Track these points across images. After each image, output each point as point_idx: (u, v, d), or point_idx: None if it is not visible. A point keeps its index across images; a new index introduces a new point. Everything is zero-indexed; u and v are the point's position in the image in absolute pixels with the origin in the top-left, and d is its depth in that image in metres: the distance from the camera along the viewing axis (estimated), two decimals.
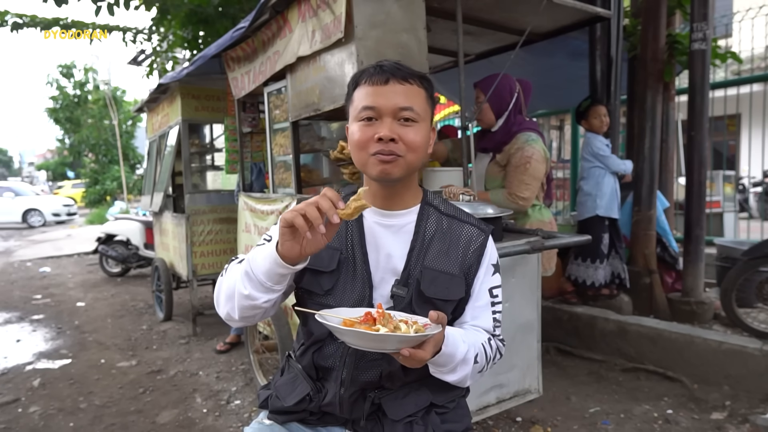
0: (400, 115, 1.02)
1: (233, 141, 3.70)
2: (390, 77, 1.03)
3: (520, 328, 2.26)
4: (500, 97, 2.58)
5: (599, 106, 3.43)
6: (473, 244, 1.13)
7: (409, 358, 0.89)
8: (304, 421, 1.18)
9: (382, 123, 1.03)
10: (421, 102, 1.05)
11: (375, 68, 1.06)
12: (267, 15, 2.45)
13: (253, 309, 1.02)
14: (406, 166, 1.04)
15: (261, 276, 0.98)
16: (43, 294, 6.11)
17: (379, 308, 0.96)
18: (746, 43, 4.34)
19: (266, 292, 0.99)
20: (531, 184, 2.51)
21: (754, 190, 7.20)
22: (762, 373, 2.72)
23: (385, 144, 1.01)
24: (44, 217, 15.44)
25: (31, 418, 2.88)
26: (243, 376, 3.34)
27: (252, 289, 0.99)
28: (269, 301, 1.01)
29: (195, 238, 4.08)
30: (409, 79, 1.04)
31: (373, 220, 1.13)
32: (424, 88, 1.07)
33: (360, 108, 1.05)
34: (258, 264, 0.98)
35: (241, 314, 1.03)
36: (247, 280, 0.99)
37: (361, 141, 1.04)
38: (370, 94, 1.04)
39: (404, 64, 1.09)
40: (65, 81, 18.73)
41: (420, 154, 1.06)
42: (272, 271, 0.97)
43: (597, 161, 3.44)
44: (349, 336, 0.91)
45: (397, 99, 1.02)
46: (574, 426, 2.56)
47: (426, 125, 1.07)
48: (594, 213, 3.42)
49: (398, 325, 0.93)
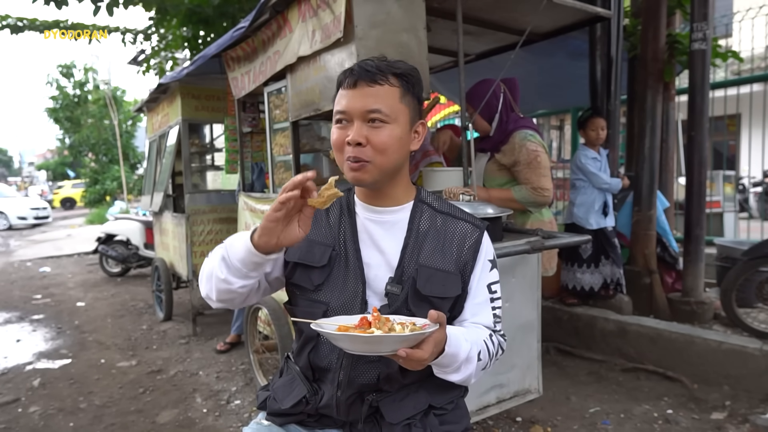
0: (368, 117, 1.03)
1: (233, 141, 3.70)
2: (358, 80, 1.04)
3: (520, 328, 2.26)
4: (487, 104, 2.61)
5: (598, 118, 3.44)
6: (468, 240, 1.13)
7: (408, 358, 0.87)
8: (302, 423, 1.18)
9: (352, 126, 1.04)
10: (392, 101, 1.04)
11: (347, 71, 1.07)
12: (267, 15, 2.45)
13: (229, 293, 1.05)
14: (376, 170, 1.05)
15: (236, 262, 1.01)
16: (43, 294, 6.11)
17: (374, 311, 0.95)
18: (746, 43, 4.33)
19: (242, 278, 1.02)
20: (547, 176, 2.56)
21: (754, 190, 7.19)
22: (762, 373, 2.72)
23: (353, 148, 1.03)
24: (8, 221, 14.49)
25: (31, 418, 2.88)
26: (243, 376, 3.34)
27: (228, 273, 1.02)
28: (245, 286, 1.04)
29: (195, 237, 4.08)
30: (379, 80, 1.04)
31: (365, 217, 1.13)
32: (399, 85, 1.06)
33: (335, 112, 1.08)
34: (234, 250, 1.01)
35: (218, 296, 1.07)
36: (224, 264, 1.02)
37: (336, 144, 1.08)
38: (342, 98, 1.06)
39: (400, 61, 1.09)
40: (65, 81, 18.71)
41: (392, 155, 1.05)
42: (247, 259, 1.00)
43: (581, 174, 3.48)
44: (343, 341, 0.89)
45: (364, 101, 1.03)
46: (574, 426, 2.56)
47: (400, 125, 1.06)
48: (571, 221, 3.58)
49: (393, 327, 0.91)
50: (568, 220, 3.62)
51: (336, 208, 1.16)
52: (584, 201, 3.48)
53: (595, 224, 3.44)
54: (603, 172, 3.43)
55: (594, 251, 3.46)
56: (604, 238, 3.46)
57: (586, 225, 3.44)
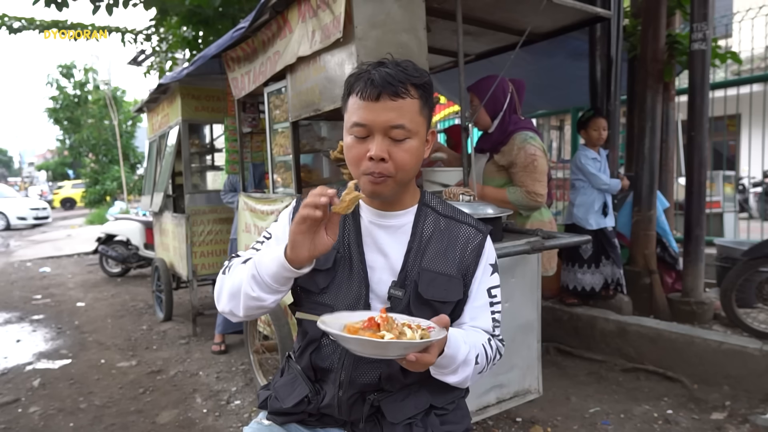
0: (392, 134, 1.01)
1: (233, 141, 3.70)
2: (381, 92, 0.99)
3: (520, 328, 2.26)
4: (494, 98, 2.60)
5: (600, 118, 3.45)
6: (471, 244, 1.13)
7: (415, 363, 0.88)
8: (303, 422, 1.18)
9: (373, 140, 1.02)
10: (413, 115, 1.02)
11: (366, 80, 1.01)
12: (267, 15, 2.45)
13: (259, 309, 1.06)
14: (396, 184, 1.05)
15: (268, 279, 1.00)
16: (43, 294, 6.11)
17: (383, 313, 0.95)
18: (746, 43, 4.33)
19: (273, 294, 1.03)
20: (542, 181, 2.56)
21: (754, 190, 7.19)
22: (762, 373, 2.72)
23: (375, 164, 1.01)
24: (8, 221, 14.58)
25: (31, 418, 2.88)
26: (243, 376, 3.34)
27: (260, 291, 1.02)
28: (276, 301, 1.06)
29: (195, 238, 4.08)
30: (402, 93, 1.00)
31: (369, 220, 1.13)
32: (418, 96, 1.03)
33: (351, 122, 1.04)
34: (265, 267, 1.01)
35: (246, 313, 1.07)
36: (254, 282, 1.02)
37: (355, 158, 1.05)
38: (361, 109, 1.01)
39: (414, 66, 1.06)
40: (65, 81, 18.70)
41: (411, 170, 1.06)
42: (279, 274, 1.00)
43: (581, 174, 3.48)
44: (353, 344, 0.89)
45: (388, 116, 1.00)
46: (574, 426, 2.56)
47: (419, 138, 1.04)
48: (571, 221, 3.58)
49: (403, 331, 0.91)
50: (568, 221, 3.63)
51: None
52: (584, 201, 3.48)
53: (595, 224, 3.45)
54: (603, 172, 3.44)
55: (594, 251, 3.46)
56: (605, 239, 3.46)
57: (586, 225, 3.45)
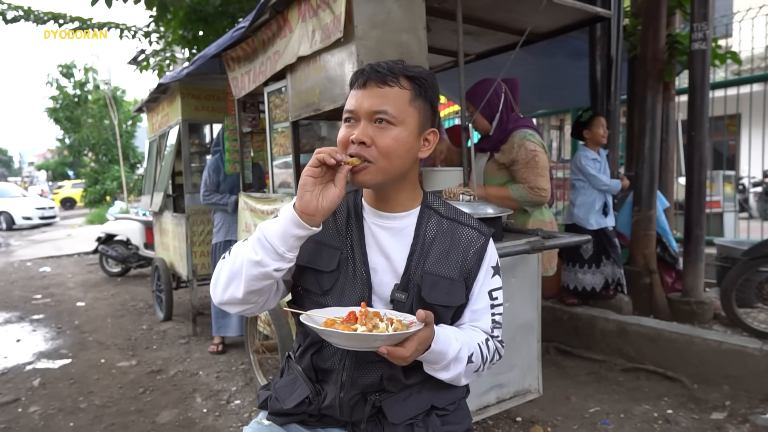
0: (375, 118, 1.02)
1: (233, 141, 3.69)
2: (368, 80, 1.03)
3: (520, 328, 2.26)
4: (488, 103, 2.61)
5: (602, 117, 3.46)
6: (473, 247, 1.12)
7: (389, 356, 0.92)
8: (304, 422, 1.18)
9: (358, 125, 1.04)
10: (400, 104, 1.03)
11: (359, 71, 1.07)
12: (267, 15, 2.45)
13: (262, 278, 1.00)
14: (379, 172, 1.03)
15: (275, 240, 0.97)
16: (43, 294, 6.11)
17: (363, 307, 0.98)
18: (746, 43, 4.33)
19: (278, 260, 0.98)
20: (545, 176, 2.56)
21: (754, 190, 7.20)
22: (762, 373, 2.72)
23: (356, 147, 1.02)
24: (13, 220, 14.57)
25: (31, 418, 2.88)
26: (243, 376, 3.34)
27: (264, 254, 0.97)
28: (280, 270, 0.99)
29: (195, 238, 4.08)
30: (389, 81, 1.02)
31: (372, 222, 1.13)
32: (410, 88, 1.04)
33: (344, 111, 1.07)
34: (272, 229, 0.98)
35: (248, 288, 1.00)
36: (259, 246, 0.98)
37: (341, 142, 1.06)
38: (352, 97, 1.06)
39: (417, 66, 1.08)
40: (65, 81, 18.65)
41: (396, 159, 1.03)
42: (287, 232, 0.96)
43: (581, 175, 3.48)
44: (327, 335, 0.94)
45: (372, 101, 1.02)
46: (574, 426, 2.56)
47: (406, 127, 1.03)
48: (571, 221, 3.59)
49: (377, 324, 0.95)
50: (569, 221, 3.63)
51: (343, 210, 1.15)
52: (584, 201, 3.48)
53: (595, 224, 3.45)
54: (603, 172, 3.44)
55: (595, 251, 3.46)
56: (605, 238, 3.46)
57: (587, 225, 3.45)
